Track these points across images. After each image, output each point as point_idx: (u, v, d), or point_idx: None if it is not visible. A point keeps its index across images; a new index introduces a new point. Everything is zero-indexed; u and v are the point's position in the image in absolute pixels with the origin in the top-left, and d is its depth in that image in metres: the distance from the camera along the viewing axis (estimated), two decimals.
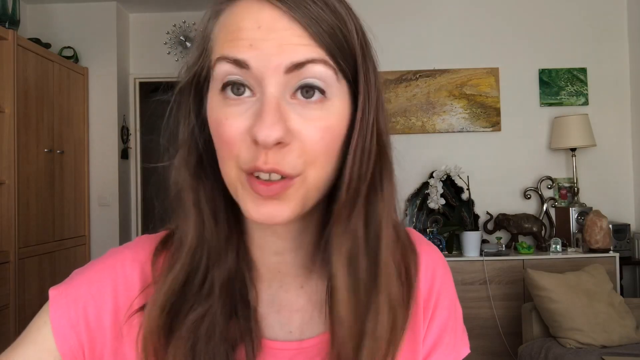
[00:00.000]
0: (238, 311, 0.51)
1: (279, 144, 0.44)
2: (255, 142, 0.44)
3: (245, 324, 0.51)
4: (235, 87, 0.46)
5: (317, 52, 0.45)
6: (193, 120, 0.52)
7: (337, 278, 0.49)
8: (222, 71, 0.46)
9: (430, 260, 0.60)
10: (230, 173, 0.47)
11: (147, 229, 4.58)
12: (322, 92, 0.46)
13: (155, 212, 0.63)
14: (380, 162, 0.50)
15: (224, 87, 0.46)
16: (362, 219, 0.49)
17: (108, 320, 0.53)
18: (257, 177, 0.45)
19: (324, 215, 0.53)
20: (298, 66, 0.44)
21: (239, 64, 0.45)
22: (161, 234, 0.58)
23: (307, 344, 0.54)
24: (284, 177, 0.46)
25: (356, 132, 0.48)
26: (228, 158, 0.47)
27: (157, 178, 0.61)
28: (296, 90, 0.45)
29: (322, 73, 0.45)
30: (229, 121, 0.46)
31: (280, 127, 0.43)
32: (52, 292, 0.53)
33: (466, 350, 0.61)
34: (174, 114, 0.53)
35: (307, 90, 0.45)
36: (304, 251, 0.55)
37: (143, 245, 0.57)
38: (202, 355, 0.49)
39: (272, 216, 0.46)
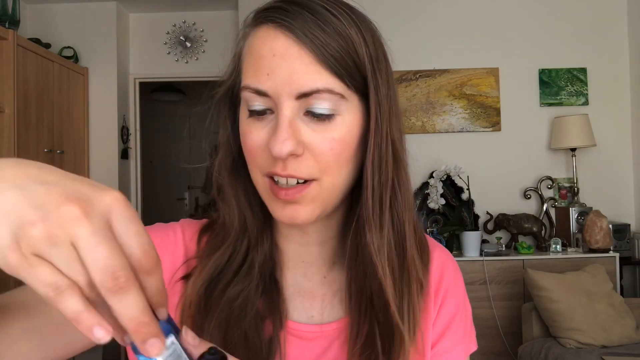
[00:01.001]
0: (267, 291, 0.58)
1: (292, 155, 0.51)
2: None
3: (274, 302, 0.58)
4: (259, 112, 0.53)
5: (323, 80, 0.50)
6: (229, 128, 0.59)
7: (384, 280, 0.55)
8: (247, 97, 0.53)
9: (441, 259, 0.66)
10: (257, 178, 0.55)
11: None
12: (329, 114, 0.51)
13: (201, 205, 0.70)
14: (397, 168, 0.56)
15: (250, 112, 0.54)
16: (391, 222, 0.56)
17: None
18: (277, 183, 0.53)
19: (347, 214, 0.59)
20: (305, 95, 0.50)
21: (260, 93, 0.51)
22: (204, 220, 0.64)
23: (327, 328, 0.60)
24: (300, 182, 0.52)
25: (372, 143, 0.53)
26: (253, 165, 0.55)
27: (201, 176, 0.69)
28: (307, 111, 0.52)
29: (327, 99, 0.51)
30: (252, 134, 0.53)
31: (291, 143, 0.50)
32: None
33: (474, 347, 0.66)
34: (214, 120, 0.60)
35: (314, 114, 0.51)
36: (328, 245, 0.62)
37: (189, 225, 0.64)
38: (235, 327, 0.55)
39: (293, 217, 0.53)
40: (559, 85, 3.66)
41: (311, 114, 0.51)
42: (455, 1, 3.71)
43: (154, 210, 5.14)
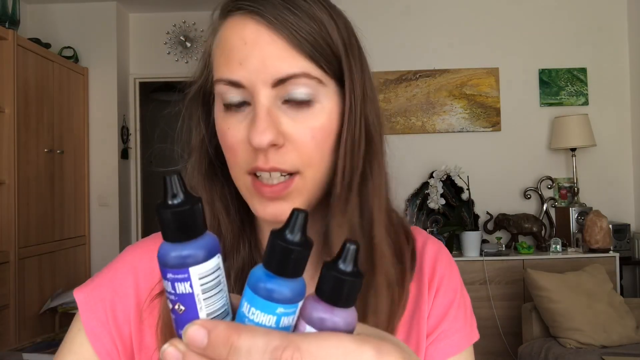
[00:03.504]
0: None
1: (274, 145, 0.49)
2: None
3: None
4: (236, 105, 0.51)
5: (299, 64, 0.48)
6: (203, 129, 0.57)
7: None
8: (221, 91, 0.51)
9: (433, 251, 0.64)
10: (238, 177, 0.52)
11: (147, 228, 4.58)
12: (308, 101, 0.50)
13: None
14: (369, 153, 0.53)
15: (226, 107, 0.51)
16: (357, 208, 0.53)
17: (132, 313, 0.57)
18: (260, 180, 0.50)
19: (327, 208, 0.56)
20: (282, 81, 0.48)
21: (234, 84, 0.50)
22: None
23: None
24: (284, 177, 0.50)
25: (345, 127, 0.52)
26: (234, 164, 0.52)
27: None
28: (285, 99, 0.50)
29: (305, 84, 0.49)
30: (231, 131, 0.51)
31: (270, 132, 0.48)
32: (78, 296, 0.58)
33: (476, 337, 0.63)
34: (186, 122, 0.58)
35: (293, 101, 0.49)
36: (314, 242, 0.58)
37: (161, 238, 0.61)
38: None
39: (277, 215, 0.51)
40: (559, 85, 3.66)
41: (289, 102, 0.49)
42: (456, 1, 3.71)
43: (154, 210, 5.14)
